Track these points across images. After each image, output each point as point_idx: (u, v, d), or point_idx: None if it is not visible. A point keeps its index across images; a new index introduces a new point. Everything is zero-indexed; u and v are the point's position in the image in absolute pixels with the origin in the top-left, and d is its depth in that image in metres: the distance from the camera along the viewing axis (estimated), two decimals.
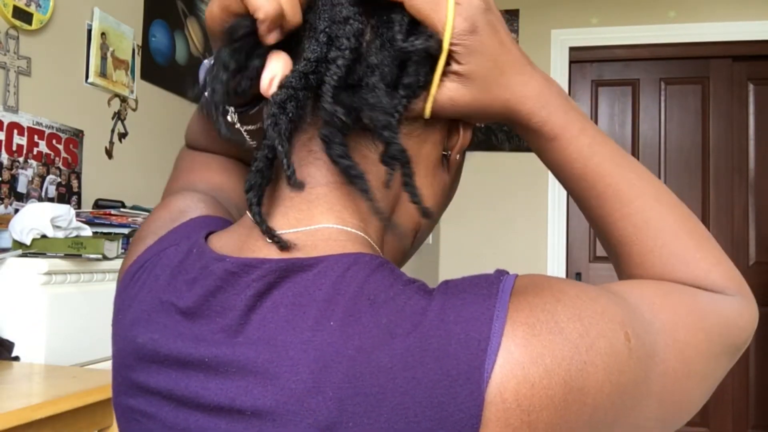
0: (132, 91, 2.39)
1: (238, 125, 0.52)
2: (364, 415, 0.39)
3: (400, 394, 0.39)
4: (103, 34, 2.20)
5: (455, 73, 0.49)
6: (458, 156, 0.56)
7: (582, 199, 0.55)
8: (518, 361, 0.39)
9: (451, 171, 0.58)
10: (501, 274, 0.44)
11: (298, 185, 0.48)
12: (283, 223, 0.49)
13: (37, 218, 1.62)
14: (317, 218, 0.49)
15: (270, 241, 0.48)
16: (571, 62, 3.63)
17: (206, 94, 0.50)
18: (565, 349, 0.40)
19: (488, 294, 0.42)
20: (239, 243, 0.50)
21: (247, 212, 0.52)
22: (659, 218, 0.52)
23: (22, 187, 1.88)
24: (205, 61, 0.56)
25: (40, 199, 1.93)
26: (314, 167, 0.50)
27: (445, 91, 0.50)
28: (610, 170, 0.53)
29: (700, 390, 0.49)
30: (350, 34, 0.47)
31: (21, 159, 1.87)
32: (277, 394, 0.41)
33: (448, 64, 0.49)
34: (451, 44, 0.48)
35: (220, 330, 0.45)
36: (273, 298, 0.45)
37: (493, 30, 0.50)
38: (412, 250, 0.59)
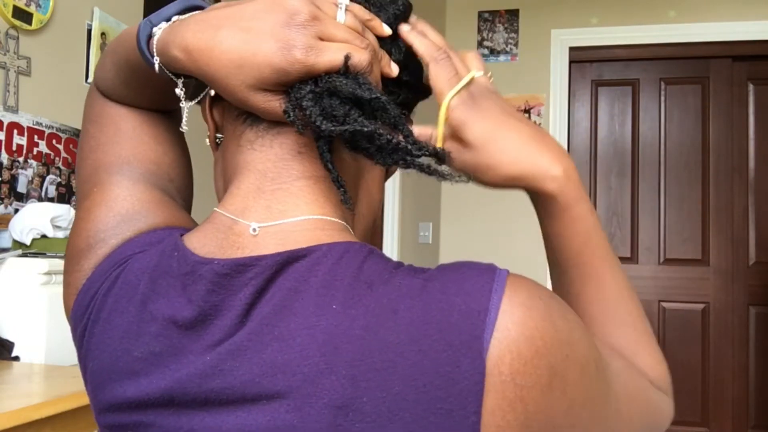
0: None
1: (182, 96, 0.52)
2: (376, 389, 0.41)
3: (409, 367, 0.41)
4: (103, 34, 2.20)
5: (457, 138, 0.56)
6: None
7: (565, 271, 0.60)
8: (514, 339, 0.42)
9: (390, 173, 0.63)
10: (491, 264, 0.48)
11: (349, 204, 0.51)
12: (267, 216, 0.49)
13: (37, 218, 1.62)
14: (301, 209, 0.50)
15: (253, 233, 0.48)
16: (571, 62, 3.63)
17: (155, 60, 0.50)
18: (554, 339, 0.44)
19: (487, 270, 0.45)
20: (218, 242, 0.50)
21: (216, 209, 0.52)
22: (625, 312, 0.59)
23: (22, 187, 1.88)
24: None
25: (40, 199, 1.93)
26: (297, 161, 0.51)
27: (449, 147, 0.57)
28: (602, 255, 0.59)
29: None
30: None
31: (21, 159, 1.87)
32: (289, 380, 0.42)
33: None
34: (449, 114, 0.55)
35: (220, 332, 0.46)
36: (272, 291, 0.45)
37: (500, 110, 0.57)
38: (374, 237, 0.62)
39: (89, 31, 2.15)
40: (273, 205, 0.50)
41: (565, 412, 0.44)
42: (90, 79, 2.15)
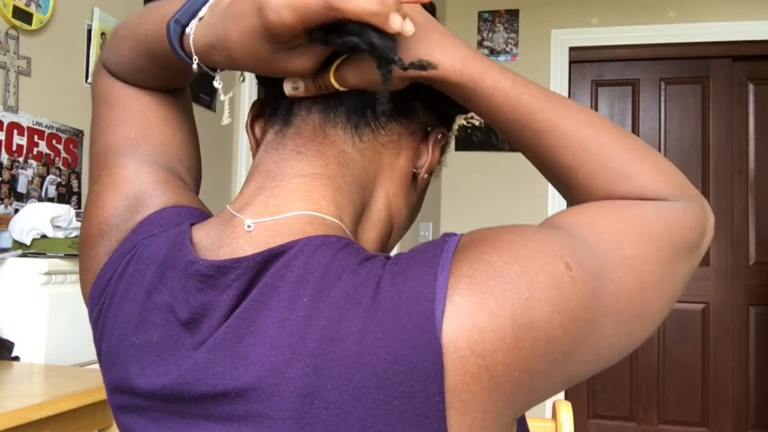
0: None
1: (217, 83, 0.53)
2: (339, 378, 0.42)
3: (368, 355, 0.42)
4: (103, 34, 2.20)
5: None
6: (426, 175, 0.60)
7: (521, 141, 0.55)
8: (464, 311, 0.42)
9: (418, 189, 0.61)
10: (446, 236, 0.47)
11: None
12: (263, 211, 0.52)
13: (37, 218, 1.62)
14: (295, 205, 0.51)
15: (248, 229, 0.50)
16: (571, 62, 3.63)
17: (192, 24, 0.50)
18: (506, 290, 0.43)
19: (433, 254, 0.45)
20: (219, 235, 0.52)
21: (227, 205, 0.54)
22: (596, 141, 0.53)
23: (22, 187, 1.88)
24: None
25: (40, 199, 1.93)
26: (295, 160, 0.54)
27: (346, 63, 0.50)
28: (540, 106, 0.53)
29: (659, 298, 0.50)
30: None
31: (21, 159, 1.87)
32: (259, 371, 0.44)
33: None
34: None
35: (208, 330, 0.47)
36: (255, 290, 0.47)
37: None
38: (386, 251, 0.61)
39: (89, 31, 2.15)
40: (270, 200, 0.52)
41: (542, 355, 0.43)
42: (90, 80, 2.15)
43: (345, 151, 0.54)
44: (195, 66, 0.52)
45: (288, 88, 0.52)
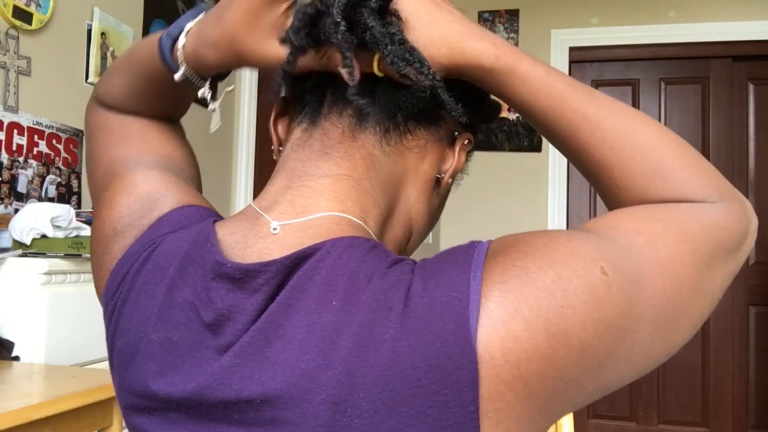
0: None
1: (204, 90, 0.56)
2: (372, 386, 0.41)
3: (401, 362, 0.41)
4: (103, 34, 2.20)
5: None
6: (450, 180, 0.60)
7: (555, 134, 0.54)
8: (499, 318, 0.41)
9: (441, 194, 0.61)
10: (474, 242, 0.47)
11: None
12: (290, 211, 0.51)
13: (37, 218, 1.62)
14: (322, 206, 0.51)
15: (274, 232, 0.50)
16: (571, 62, 3.63)
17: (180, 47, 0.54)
18: (540, 298, 0.42)
19: (463, 259, 0.44)
20: (244, 233, 0.51)
21: (251, 203, 0.54)
22: (633, 135, 0.52)
23: (22, 187, 1.88)
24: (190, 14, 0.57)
25: (40, 199, 1.93)
26: (322, 161, 0.53)
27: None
28: (574, 95, 0.52)
29: (696, 301, 0.49)
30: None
31: (21, 159, 1.87)
32: (288, 377, 0.43)
33: None
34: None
35: (233, 334, 0.46)
36: (282, 293, 0.46)
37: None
38: (405, 254, 0.61)
39: (89, 31, 2.15)
40: (297, 200, 0.52)
41: (576, 363, 0.42)
42: (90, 79, 2.15)
43: (372, 154, 0.54)
44: (179, 74, 0.54)
45: (345, 74, 0.49)
